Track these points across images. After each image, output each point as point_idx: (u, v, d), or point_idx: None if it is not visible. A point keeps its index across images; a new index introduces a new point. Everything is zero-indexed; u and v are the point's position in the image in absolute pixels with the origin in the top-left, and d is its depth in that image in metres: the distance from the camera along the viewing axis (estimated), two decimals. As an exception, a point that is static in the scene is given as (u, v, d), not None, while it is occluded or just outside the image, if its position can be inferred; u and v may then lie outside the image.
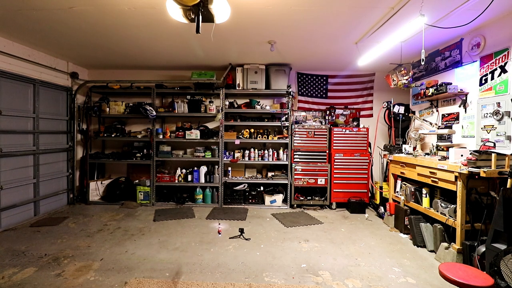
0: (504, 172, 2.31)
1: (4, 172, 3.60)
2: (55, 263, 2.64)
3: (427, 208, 3.12)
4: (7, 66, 3.61)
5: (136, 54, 4.29)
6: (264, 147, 5.10)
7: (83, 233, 3.43)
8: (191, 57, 4.43)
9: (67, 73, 4.74)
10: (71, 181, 4.83)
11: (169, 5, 2.03)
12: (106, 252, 2.90)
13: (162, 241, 3.19)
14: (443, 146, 3.41)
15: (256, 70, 4.68)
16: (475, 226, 2.59)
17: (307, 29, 3.19)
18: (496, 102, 2.90)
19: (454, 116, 3.53)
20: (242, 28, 3.20)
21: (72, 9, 2.75)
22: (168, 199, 4.90)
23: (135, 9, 2.72)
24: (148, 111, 4.61)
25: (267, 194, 4.75)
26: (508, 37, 2.80)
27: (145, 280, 2.33)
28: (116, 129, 4.99)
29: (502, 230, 2.10)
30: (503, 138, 2.82)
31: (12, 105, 3.72)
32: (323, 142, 4.69)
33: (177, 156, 4.91)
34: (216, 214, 4.25)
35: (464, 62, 3.36)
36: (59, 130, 4.60)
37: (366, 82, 5.23)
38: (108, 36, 3.51)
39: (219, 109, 4.78)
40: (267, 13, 2.78)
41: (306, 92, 5.25)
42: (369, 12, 2.75)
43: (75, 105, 4.88)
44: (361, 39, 3.50)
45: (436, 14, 2.76)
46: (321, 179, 4.63)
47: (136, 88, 4.91)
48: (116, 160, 4.94)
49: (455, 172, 2.60)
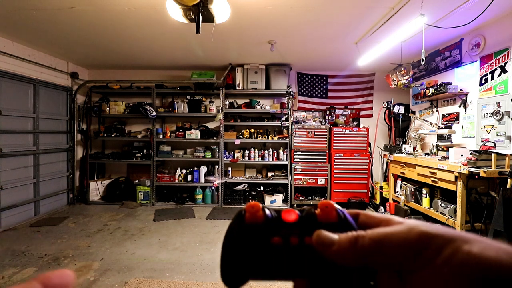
0: (504, 172, 2.31)
1: (4, 172, 3.60)
2: (55, 263, 2.64)
3: (427, 208, 3.12)
4: (7, 66, 3.61)
5: (136, 54, 4.29)
6: (264, 147, 5.10)
7: (83, 233, 3.43)
8: (191, 57, 4.43)
9: (67, 73, 4.74)
10: (71, 181, 4.83)
11: (169, 5, 2.03)
12: (106, 252, 2.90)
13: (162, 241, 3.19)
14: (443, 146, 3.41)
15: (256, 70, 4.67)
16: (475, 226, 2.59)
17: (307, 29, 3.20)
18: (496, 102, 2.90)
19: (454, 116, 3.53)
20: (242, 28, 3.20)
21: (72, 9, 2.75)
22: (168, 199, 4.90)
23: (135, 9, 2.72)
24: (148, 111, 4.61)
25: (267, 194, 4.75)
26: (508, 37, 2.80)
27: (145, 280, 2.33)
28: (116, 129, 4.99)
29: (502, 230, 2.10)
30: (503, 138, 2.82)
31: (12, 105, 3.72)
32: (323, 142, 4.69)
33: (177, 156, 4.91)
34: (216, 214, 4.25)
35: (464, 62, 3.36)
36: (59, 130, 4.60)
37: (366, 82, 5.23)
38: (108, 36, 3.51)
39: (219, 109, 4.77)
40: (267, 13, 2.78)
41: (306, 92, 5.25)
42: (369, 12, 2.75)
43: (75, 105, 4.88)
44: (361, 39, 3.50)
45: (436, 14, 2.76)
46: (321, 179, 4.63)
47: (136, 88, 4.91)
48: (116, 160, 4.94)
49: (455, 172, 2.60)
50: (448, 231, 0.20)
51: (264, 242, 0.24)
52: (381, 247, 0.21)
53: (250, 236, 0.24)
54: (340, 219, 0.24)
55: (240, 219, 0.25)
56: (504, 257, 0.17)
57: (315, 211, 0.25)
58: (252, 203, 0.25)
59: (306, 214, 0.25)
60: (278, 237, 0.24)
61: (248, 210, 0.25)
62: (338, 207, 0.25)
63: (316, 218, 0.24)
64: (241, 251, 0.24)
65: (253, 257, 0.23)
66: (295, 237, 0.24)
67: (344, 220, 0.24)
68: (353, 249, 0.21)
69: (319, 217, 0.24)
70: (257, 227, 0.24)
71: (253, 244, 0.24)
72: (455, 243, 0.18)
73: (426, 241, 0.19)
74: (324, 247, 0.22)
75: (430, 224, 0.21)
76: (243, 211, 0.25)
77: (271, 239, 0.24)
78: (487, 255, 0.17)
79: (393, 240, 0.20)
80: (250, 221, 0.24)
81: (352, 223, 0.24)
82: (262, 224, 0.24)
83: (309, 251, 0.23)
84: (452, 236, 0.19)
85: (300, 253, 0.23)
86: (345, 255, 0.22)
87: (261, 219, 0.24)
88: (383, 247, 0.21)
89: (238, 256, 0.24)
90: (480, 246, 0.18)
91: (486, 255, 0.17)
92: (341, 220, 0.24)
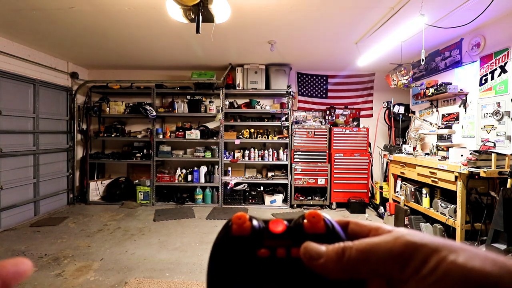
0: (504, 172, 2.31)
1: (4, 172, 3.60)
2: (55, 263, 2.64)
3: (427, 208, 3.12)
4: (7, 66, 3.61)
5: (136, 54, 4.29)
6: (264, 147, 5.10)
7: (83, 233, 3.43)
8: (191, 57, 4.43)
9: (67, 73, 4.74)
10: (71, 181, 4.83)
11: (169, 5, 2.03)
12: (106, 252, 2.90)
13: (162, 241, 3.19)
14: (443, 146, 3.41)
15: (256, 70, 4.67)
16: (475, 226, 2.59)
17: (307, 29, 3.19)
18: (496, 102, 2.90)
19: (454, 116, 3.53)
20: (242, 28, 3.20)
21: (72, 9, 2.75)
22: (168, 199, 4.90)
23: (135, 9, 2.72)
24: (148, 111, 4.61)
25: (267, 194, 4.75)
26: (508, 37, 2.80)
27: (145, 280, 2.33)
28: (116, 129, 4.99)
29: (502, 230, 2.10)
30: (503, 138, 2.82)
31: (12, 105, 3.72)
32: (323, 142, 4.69)
33: (177, 156, 4.91)
34: (216, 214, 4.25)
35: (464, 62, 3.36)
36: (59, 130, 4.60)
37: (366, 82, 5.23)
38: (108, 36, 3.51)
39: (219, 109, 4.77)
40: (267, 13, 2.78)
41: (306, 92, 5.25)
42: (369, 12, 2.75)
43: (75, 105, 4.88)
44: (361, 39, 3.50)
45: (436, 14, 2.76)
46: (321, 179, 4.63)
47: (136, 88, 4.91)
48: (116, 160, 4.94)
49: (455, 172, 2.60)
50: (434, 240, 0.19)
51: (250, 254, 0.23)
52: (367, 258, 0.20)
53: (237, 248, 0.23)
54: (328, 230, 0.24)
55: (227, 231, 0.24)
56: (489, 266, 0.17)
57: (303, 222, 0.24)
58: (239, 214, 0.25)
59: (294, 224, 0.25)
60: (265, 249, 0.23)
61: (234, 222, 0.24)
62: (326, 217, 0.24)
63: (303, 229, 0.24)
64: (228, 264, 0.23)
65: (240, 270, 0.23)
66: (282, 249, 0.23)
67: (332, 231, 0.24)
68: (340, 261, 0.21)
69: (307, 228, 0.24)
70: (244, 239, 0.24)
71: (240, 257, 0.23)
72: (441, 252, 0.18)
73: (412, 251, 0.19)
74: (311, 260, 0.21)
75: (416, 233, 0.20)
76: (229, 222, 0.25)
77: (258, 251, 0.23)
78: (472, 265, 0.17)
79: (379, 251, 0.20)
80: (237, 233, 0.24)
81: (340, 234, 0.24)
82: (249, 236, 0.24)
83: (297, 264, 0.22)
84: (438, 245, 0.19)
85: (287, 266, 0.23)
86: (333, 268, 0.21)
87: (248, 230, 0.24)
88: (369, 258, 0.20)
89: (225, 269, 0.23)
90: (466, 256, 0.17)
91: (471, 264, 0.17)
92: (329, 230, 0.24)
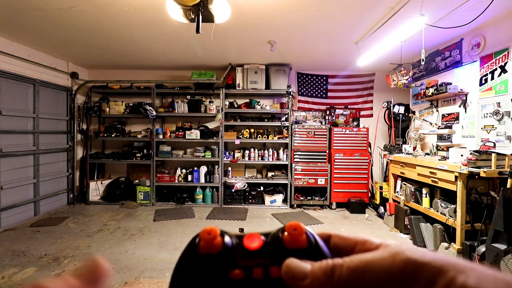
0: (504, 172, 2.31)
1: (4, 172, 3.60)
2: (55, 263, 2.64)
3: (427, 208, 3.12)
4: (7, 66, 3.61)
5: (136, 54, 4.29)
6: (264, 147, 5.10)
7: (83, 233, 3.43)
8: (191, 57, 4.43)
9: (67, 73, 4.74)
10: (71, 181, 4.83)
11: (169, 5, 2.03)
12: (106, 252, 2.90)
13: (162, 241, 3.19)
14: (443, 146, 3.41)
15: (256, 70, 4.67)
16: (475, 226, 2.58)
17: (307, 29, 3.20)
18: (496, 102, 2.90)
19: (454, 116, 3.53)
20: (242, 28, 3.20)
21: (72, 9, 2.75)
22: (168, 199, 4.90)
23: (135, 9, 2.72)
24: (148, 111, 4.61)
25: (267, 194, 4.75)
26: (508, 37, 2.80)
27: (145, 280, 2.33)
28: (116, 129, 4.99)
29: (502, 230, 2.10)
30: (503, 138, 2.82)
31: (12, 105, 3.72)
32: (323, 142, 4.69)
33: (177, 156, 4.91)
34: (216, 214, 4.25)
35: (464, 62, 3.36)
36: (59, 130, 4.60)
37: (366, 82, 5.23)
38: (108, 36, 3.51)
39: (219, 109, 4.77)
40: (267, 13, 2.78)
41: (306, 92, 5.25)
42: (369, 12, 2.75)
43: (75, 105, 4.88)
44: (361, 39, 3.50)
45: (436, 14, 2.76)
46: (321, 179, 4.63)
47: (136, 88, 4.91)
48: (116, 160, 4.94)
49: (455, 172, 2.60)
50: (437, 258, 0.17)
51: (222, 276, 0.20)
52: (361, 279, 0.18)
53: (205, 270, 0.20)
54: (310, 245, 0.21)
55: (193, 248, 0.21)
56: None
57: (282, 235, 0.21)
58: (208, 228, 0.22)
59: (272, 239, 0.22)
60: (239, 270, 0.20)
61: (202, 237, 0.21)
62: (308, 230, 0.21)
63: (283, 244, 0.21)
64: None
65: None
66: (259, 269, 0.20)
67: (315, 246, 0.21)
68: (329, 282, 0.18)
69: (287, 242, 0.21)
70: (214, 258, 0.21)
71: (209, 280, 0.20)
72: (448, 273, 0.16)
73: (413, 270, 0.17)
74: (295, 281, 0.19)
75: (415, 249, 0.18)
76: (196, 238, 0.22)
77: (230, 272, 0.20)
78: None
79: (374, 270, 0.18)
80: (206, 250, 0.21)
81: (324, 249, 0.21)
82: (220, 254, 0.21)
83: (277, 286, 0.20)
84: (443, 264, 0.17)
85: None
86: None
87: (218, 248, 0.21)
88: (363, 278, 0.18)
89: None
90: (476, 277, 0.16)
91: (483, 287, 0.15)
92: (312, 245, 0.21)
